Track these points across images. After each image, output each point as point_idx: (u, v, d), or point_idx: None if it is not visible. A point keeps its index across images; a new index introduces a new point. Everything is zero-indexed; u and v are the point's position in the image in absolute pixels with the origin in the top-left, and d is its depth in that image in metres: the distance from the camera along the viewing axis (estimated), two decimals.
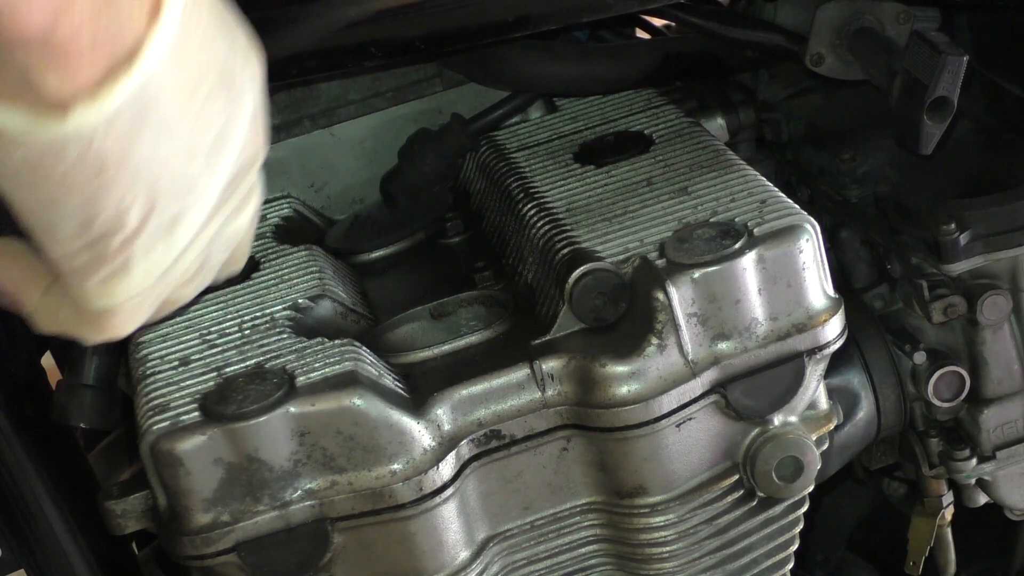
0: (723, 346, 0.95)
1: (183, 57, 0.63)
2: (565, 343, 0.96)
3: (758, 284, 0.95)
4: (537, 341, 0.97)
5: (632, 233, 1.00)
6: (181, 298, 0.76)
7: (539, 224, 1.05)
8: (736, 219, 0.98)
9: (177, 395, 0.92)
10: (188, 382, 0.94)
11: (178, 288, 0.74)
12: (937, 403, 1.18)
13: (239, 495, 0.90)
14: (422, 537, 0.93)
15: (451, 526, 0.94)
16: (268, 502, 0.90)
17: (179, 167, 0.66)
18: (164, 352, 0.98)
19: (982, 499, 1.26)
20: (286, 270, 1.07)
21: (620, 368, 0.93)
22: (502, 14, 1.06)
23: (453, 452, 0.93)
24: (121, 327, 0.73)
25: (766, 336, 0.96)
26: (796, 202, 1.00)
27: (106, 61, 0.59)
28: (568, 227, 1.03)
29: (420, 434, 0.92)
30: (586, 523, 0.99)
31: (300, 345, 0.95)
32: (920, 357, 1.18)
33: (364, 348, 0.95)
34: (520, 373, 0.95)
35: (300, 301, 1.02)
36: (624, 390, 0.93)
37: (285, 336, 0.97)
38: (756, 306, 0.95)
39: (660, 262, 0.95)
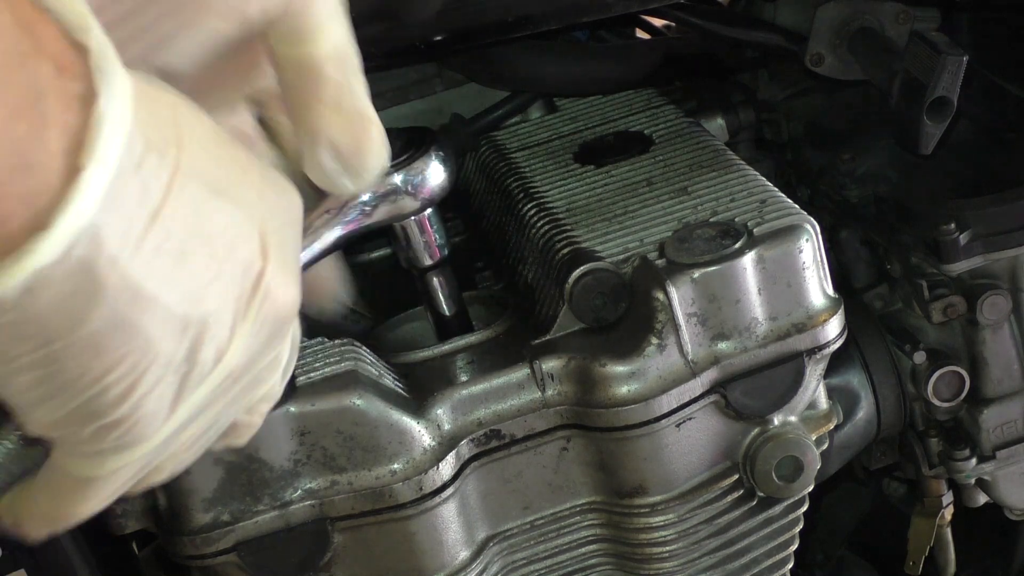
0: (723, 346, 0.95)
1: (137, 218, 0.57)
2: (565, 343, 0.96)
3: (758, 284, 0.95)
4: (537, 341, 0.97)
5: (632, 233, 1.00)
6: (174, 466, 0.70)
7: (539, 224, 1.05)
8: (736, 219, 0.98)
9: None
10: None
11: (173, 456, 0.68)
12: (937, 403, 1.18)
13: (239, 495, 0.90)
14: (422, 537, 0.93)
15: (451, 526, 0.94)
16: (268, 502, 0.90)
17: (168, 339, 0.61)
18: None
19: (982, 499, 1.26)
20: None
21: (620, 368, 0.93)
22: (502, 14, 1.06)
23: (453, 452, 0.93)
24: (102, 499, 0.67)
25: (766, 336, 0.96)
26: (796, 202, 1.00)
27: (27, 214, 0.54)
28: (568, 227, 1.03)
29: (420, 434, 0.92)
30: (586, 523, 0.99)
31: (300, 345, 0.95)
32: (920, 357, 1.18)
33: (364, 348, 0.95)
34: (520, 373, 0.95)
35: None
36: (624, 390, 0.93)
37: None
38: (756, 306, 0.95)
39: (660, 262, 0.95)
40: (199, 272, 0.61)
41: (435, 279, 1.00)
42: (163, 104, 0.60)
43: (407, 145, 0.91)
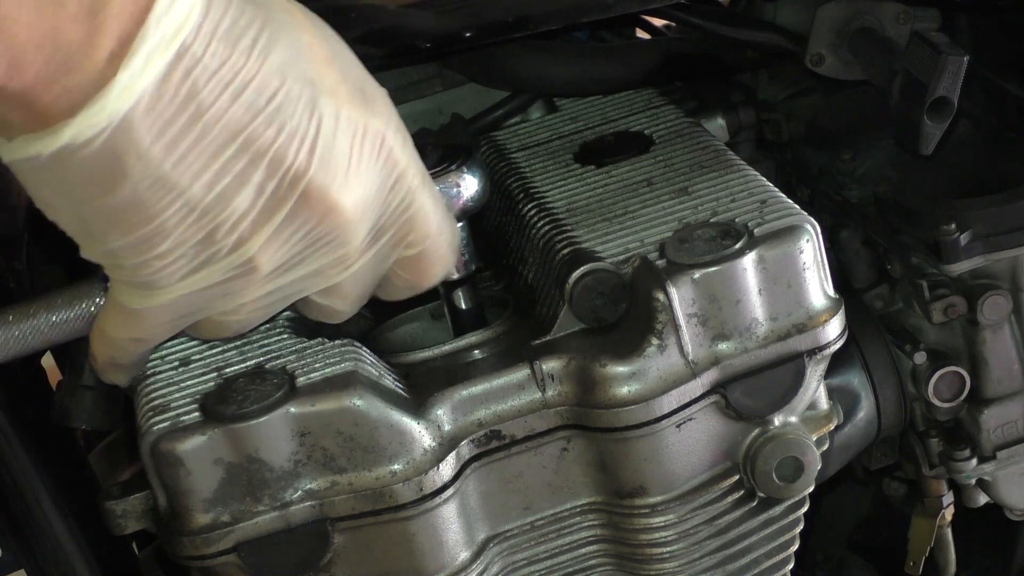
0: (723, 346, 0.95)
1: (175, 119, 0.67)
2: (565, 343, 0.96)
3: (758, 284, 0.95)
4: (537, 341, 0.97)
5: (632, 233, 1.00)
6: (238, 327, 0.83)
7: (539, 224, 1.05)
8: (736, 219, 0.98)
9: (177, 395, 0.92)
10: (188, 382, 0.94)
11: (223, 315, 0.80)
12: (937, 403, 1.18)
13: (239, 495, 0.90)
14: (422, 537, 0.93)
15: (451, 526, 0.94)
16: (268, 502, 0.90)
17: (182, 224, 0.71)
18: (164, 352, 0.98)
19: (982, 499, 1.26)
20: None
21: (620, 368, 0.93)
22: (502, 14, 1.06)
23: (453, 452, 0.93)
24: (146, 331, 0.81)
25: (766, 336, 0.96)
26: (796, 202, 1.00)
27: (62, 104, 0.65)
28: (568, 227, 1.03)
29: (420, 434, 0.91)
30: (586, 523, 0.99)
31: (300, 345, 0.95)
32: (920, 357, 1.18)
33: (364, 348, 0.95)
34: (520, 373, 0.95)
35: None
36: (624, 390, 0.93)
37: (285, 336, 0.97)
38: (756, 306, 0.95)
39: (660, 262, 0.95)
40: (230, 173, 0.70)
41: (460, 293, 1.01)
42: (245, 19, 0.68)
43: (442, 159, 0.93)
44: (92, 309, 0.85)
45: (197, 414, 0.90)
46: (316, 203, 0.74)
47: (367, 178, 0.77)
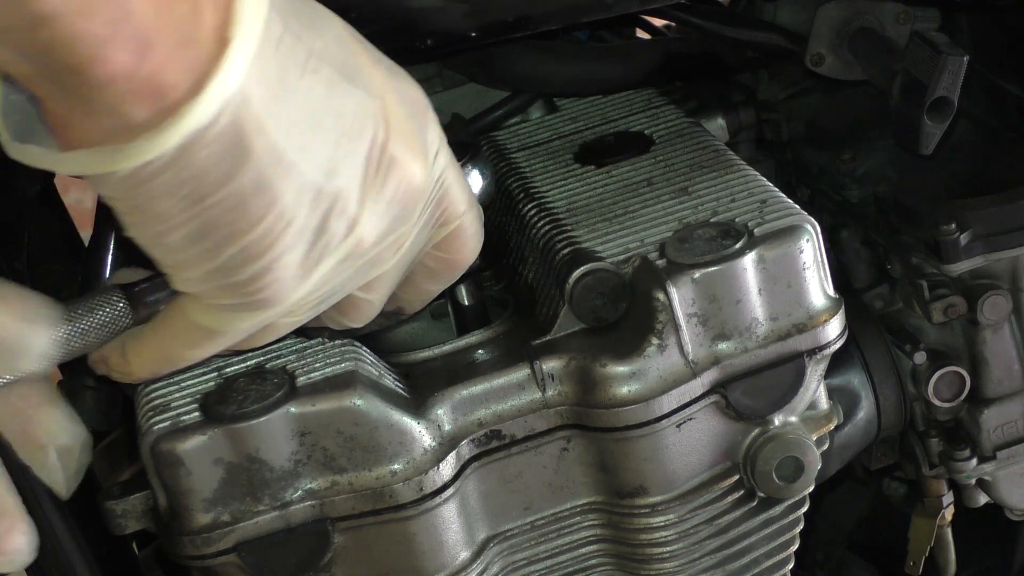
0: (723, 346, 0.95)
1: (278, 91, 0.66)
2: (565, 343, 0.96)
3: (758, 284, 0.95)
4: (537, 341, 0.97)
5: (632, 233, 1.00)
6: (286, 328, 0.79)
7: (539, 224, 1.05)
8: (736, 219, 0.98)
9: (177, 395, 0.92)
10: (188, 382, 0.94)
11: (287, 318, 0.76)
12: (937, 403, 1.18)
13: (239, 495, 0.90)
14: (422, 537, 0.93)
15: (451, 526, 0.94)
16: (268, 502, 0.90)
17: (303, 206, 0.68)
18: None
19: (982, 499, 1.26)
20: None
21: (620, 368, 0.93)
22: (502, 14, 1.06)
23: (453, 452, 0.93)
24: (215, 349, 0.77)
25: (766, 336, 0.96)
26: (796, 202, 1.00)
27: (187, 83, 0.63)
28: (568, 227, 1.03)
29: (420, 434, 0.92)
30: (586, 523, 0.99)
31: (300, 345, 0.95)
32: (920, 357, 1.18)
33: (364, 348, 0.95)
34: (520, 373, 0.95)
35: None
36: (624, 390, 0.93)
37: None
38: (756, 306, 0.95)
39: (660, 262, 0.95)
40: (331, 146, 0.69)
41: (463, 288, 1.01)
42: (298, 2, 0.69)
43: None
44: (113, 322, 0.80)
45: (197, 414, 0.90)
46: (398, 173, 0.72)
47: (424, 148, 0.76)
